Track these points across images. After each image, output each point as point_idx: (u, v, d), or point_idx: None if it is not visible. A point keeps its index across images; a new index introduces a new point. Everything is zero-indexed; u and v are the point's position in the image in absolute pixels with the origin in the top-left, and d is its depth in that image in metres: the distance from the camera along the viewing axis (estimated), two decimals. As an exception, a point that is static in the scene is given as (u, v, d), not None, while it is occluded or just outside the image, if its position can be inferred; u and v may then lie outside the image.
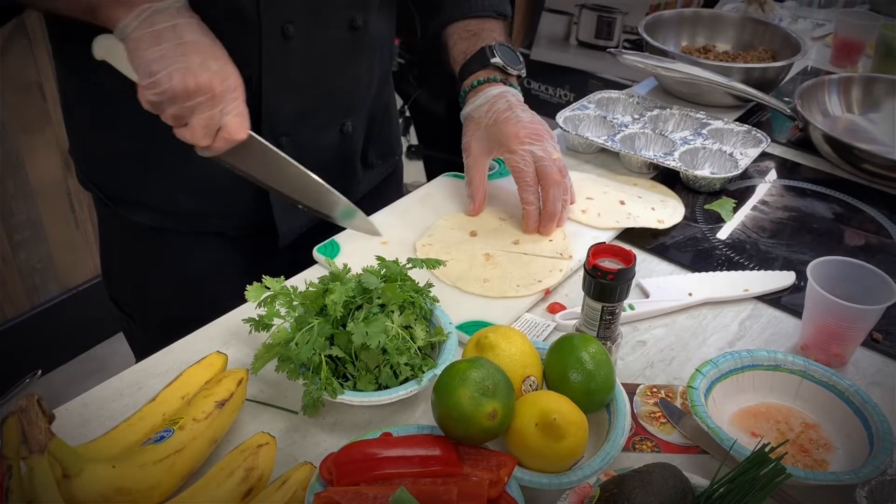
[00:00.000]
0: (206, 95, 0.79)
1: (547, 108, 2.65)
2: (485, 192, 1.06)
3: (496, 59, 1.06)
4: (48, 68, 1.97)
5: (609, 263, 0.77)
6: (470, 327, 0.86)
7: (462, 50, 1.08)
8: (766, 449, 0.65)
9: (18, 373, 2.13)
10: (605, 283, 0.77)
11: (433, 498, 0.60)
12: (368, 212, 1.07)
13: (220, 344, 0.84)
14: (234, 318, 0.88)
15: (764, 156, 1.26)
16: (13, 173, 2.00)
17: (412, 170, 2.65)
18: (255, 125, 0.95)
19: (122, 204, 1.06)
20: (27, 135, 2.00)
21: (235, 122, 0.82)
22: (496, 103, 1.03)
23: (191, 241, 1.07)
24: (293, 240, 1.08)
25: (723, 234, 1.07)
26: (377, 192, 1.17)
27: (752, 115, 1.39)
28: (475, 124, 1.04)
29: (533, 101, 2.65)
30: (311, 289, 0.79)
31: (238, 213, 1.05)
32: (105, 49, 0.83)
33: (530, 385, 0.73)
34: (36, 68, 1.95)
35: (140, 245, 1.09)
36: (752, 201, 1.16)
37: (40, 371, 2.15)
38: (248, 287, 0.80)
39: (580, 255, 0.99)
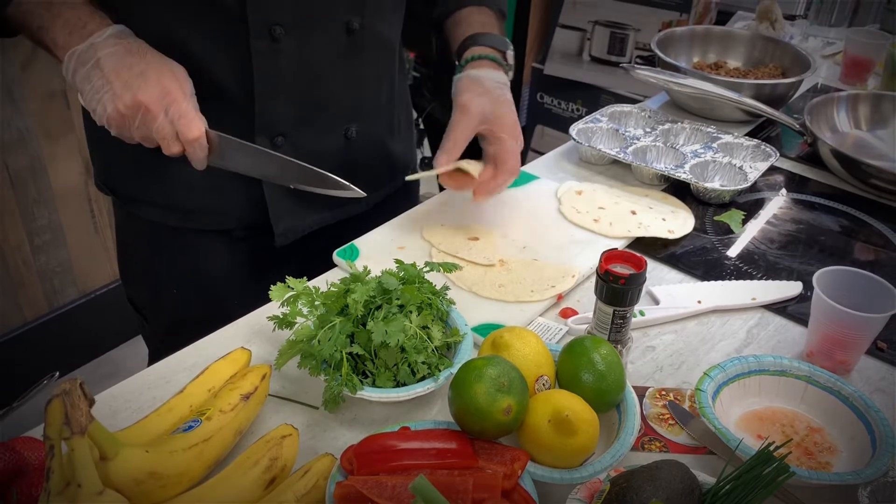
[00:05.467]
0: (140, 111, 0.84)
1: (559, 122, 2.69)
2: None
3: (509, 52, 1.09)
4: (73, 76, 2.01)
5: (621, 269, 0.80)
6: (485, 329, 0.89)
7: (479, 24, 1.11)
8: (771, 448, 0.67)
9: (36, 374, 2.17)
10: (617, 287, 0.79)
11: (450, 488, 0.62)
12: (379, 222, 1.10)
13: (244, 341, 0.87)
14: (257, 317, 0.91)
15: (773, 170, 1.29)
16: (36, 179, 2.05)
17: (425, 181, 2.69)
18: (249, 125, 0.99)
19: (133, 203, 1.10)
20: (50, 141, 2.04)
21: (182, 124, 0.86)
22: (503, 88, 1.06)
23: (201, 243, 1.10)
24: (299, 245, 1.10)
25: (733, 251, 1.09)
26: (390, 204, 1.18)
27: (762, 131, 1.42)
28: (482, 89, 1.03)
29: (545, 115, 2.70)
30: (332, 289, 0.82)
31: (236, 211, 1.07)
32: None
33: (543, 384, 0.76)
34: (61, 76, 1.99)
35: (153, 245, 1.13)
36: (761, 213, 1.18)
37: (58, 373, 2.19)
38: (272, 287, 0.83)
39: (592, 262, 1.02)
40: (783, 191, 1.25)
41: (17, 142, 1.97)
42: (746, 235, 1.12)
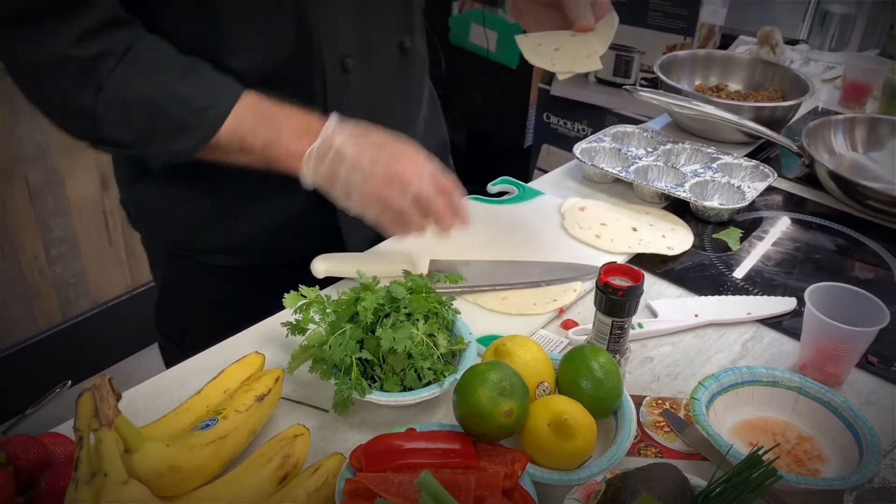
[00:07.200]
0: (396, 180, 0.87)
1: (564, 142, 2.73)
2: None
3: None
4: (91, 93, 2.07)
5: (619, 281, 0.84)
6: (488, 341, 0.92)
7: None
8: (760, 453, 0.70)
9: (49, 382, 2.21)
10: (616, 299, 0.83)
11: (453, 485, 0.66)
12: None
13: (258, 346, 0.90)
14: (270, 324, 0.95)
15: (772, 190, 1.32)
16: (53, 191, 2.11)
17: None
18: None
19: (205, 254, 1.11)
20: (68, 155, 2.10)
21: (439, 176, 0.89)
22: None
23: (267, 275, 1.09)
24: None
25: (740, 272, 1.11)
26: None
27: (762, 152, 1.46)
28: None
29: (551, 135, 2.74)
30: (343, 297, 0.86)
31: (311, 240, 1.09)
32: (325, 269, 1.00)
33: (544, 390, 0.79)
34: (80, 92, 2.06)
35: (211, 284, 1.14)
36: (767, 236, 1.22)
37: (70, 381, 2.23)
38: (286, 295, 0.87)
39: (593, 276, 1.05)
40: (778, 207, 1.29)
41: (35, 155, 2.03)
42: (753, 256, 1.15)
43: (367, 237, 1.12)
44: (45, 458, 0.68)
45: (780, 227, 1.24)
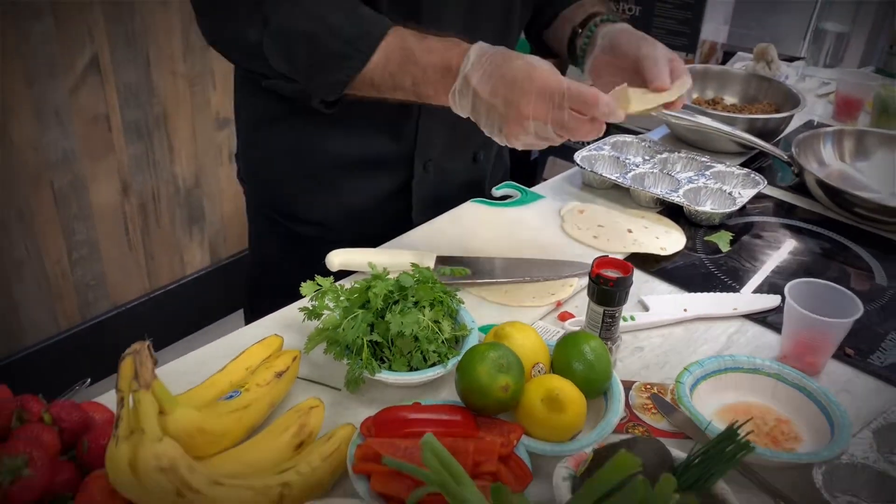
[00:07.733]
0: (528, 120, 0.89)
1: (569, 154, 2.80)
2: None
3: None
4: (115, 101, 2.17)
5: (610, 273, 0.91)
6: (489, 329, 0.99)
7: (590, 3, 1.21)
8: (735, 427, 0.77)
9: (69, 380, 2.29)
10: (607, 289, 0.90)
11: (453, 450, 0.72)
12: None
13: (276, 330, 0.97)
14: (287, 311, 1.02)
15: (764, 198, 1.39)
16: (77, 196, 2.19)
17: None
18: (409, 154, 1.17)
19: (294, 220, 1.23)
20: (92, 161, 2.19)
21: (578, 100, 0.89)
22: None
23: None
24: None
25: (728, 271, 1.17)
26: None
27: (755, 162, 1.52)
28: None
29: (558, 148, 2.81)
30: (355, 286, 0.93)
31: (387, 221, 1.21)
32: (340, 262, 1.06)
33: (539, 370, 0.86)
34: (105, 102, 2.15)
35: (298, 254, 1.24)
36: (749, 236, 1.28)
37: (90, 379, 2.30)
38: (303, 284, 0.94)
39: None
40: (768, 213, 1.35)
41: (61, 161, 2.11)
42: (742, 257, 1.22)
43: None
44: (86, 421, 0.75)
45: (770, 231, 1.31)
